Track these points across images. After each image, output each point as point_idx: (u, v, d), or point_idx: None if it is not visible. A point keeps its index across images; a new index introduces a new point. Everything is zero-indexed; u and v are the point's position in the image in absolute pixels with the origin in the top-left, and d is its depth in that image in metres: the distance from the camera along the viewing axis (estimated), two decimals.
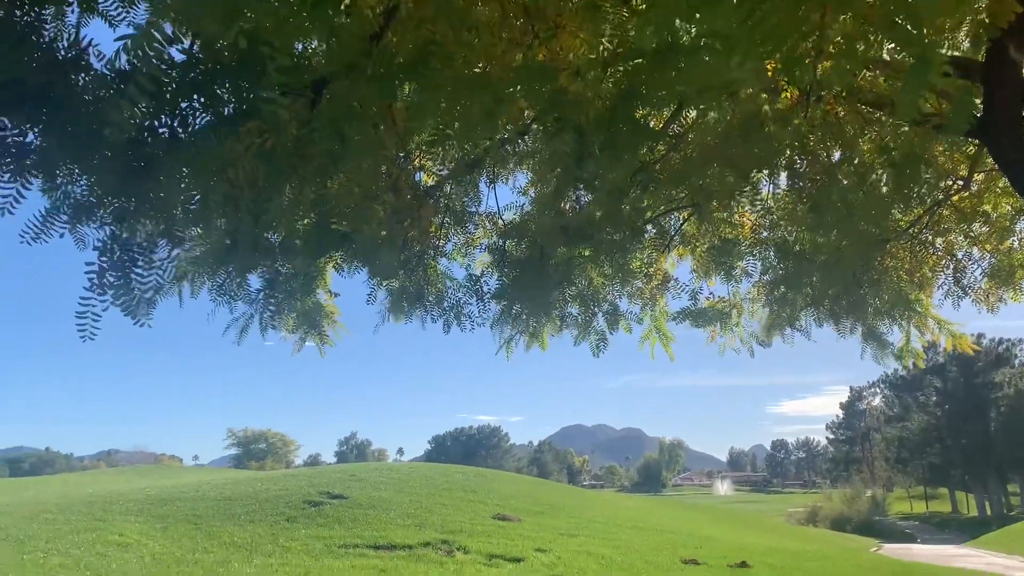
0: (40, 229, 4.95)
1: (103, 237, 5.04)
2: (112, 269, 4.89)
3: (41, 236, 4.95)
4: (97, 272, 4.79)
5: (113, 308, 5.21)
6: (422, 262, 8.40)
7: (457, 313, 8.68)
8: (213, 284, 7.22)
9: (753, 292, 9.56)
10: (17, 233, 4.74)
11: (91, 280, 4.78)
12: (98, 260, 4.83)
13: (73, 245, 5.11)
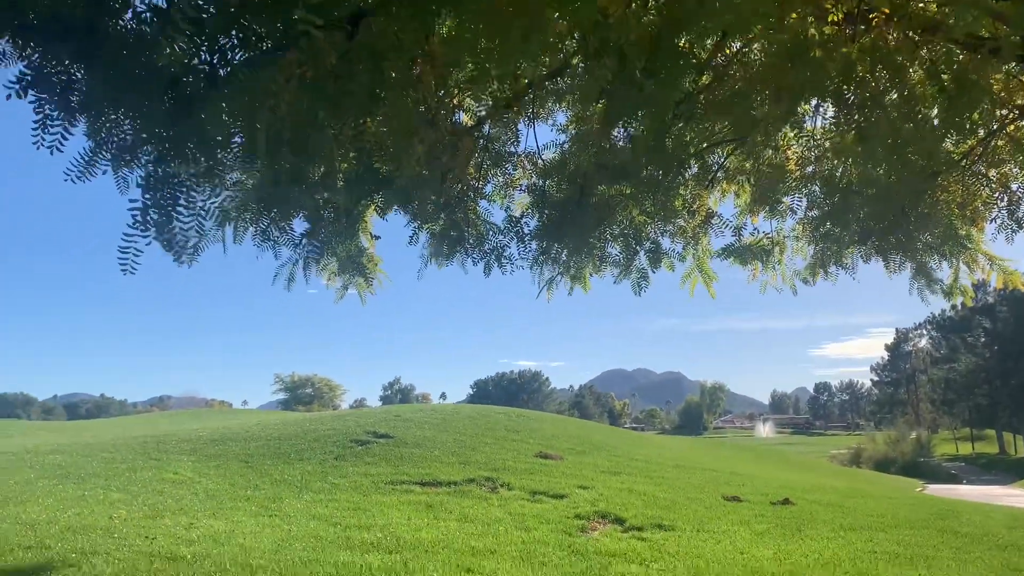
0: (84, 169, 5.04)
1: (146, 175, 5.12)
2: (155, 207, 4.98)
3: (85, 175, 5.05)
4: (140, 209, 4.87)
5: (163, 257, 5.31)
6: (462, 204, 8.40)
7: (498, 255, 8.68)
8: (256, 229, 7.30)
9: (798, 229, 9.39)
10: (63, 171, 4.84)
11: (134, 217, 4.87)
12: (141, 197, 4.92)
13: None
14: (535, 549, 10.50)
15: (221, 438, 20.54)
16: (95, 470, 15.83)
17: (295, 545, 10.01)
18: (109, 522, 10.90)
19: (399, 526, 11.40)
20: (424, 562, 9.55)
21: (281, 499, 13.44)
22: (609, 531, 11.86)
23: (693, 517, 13.01)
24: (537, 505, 13.59)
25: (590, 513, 12.88)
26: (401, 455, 18.21)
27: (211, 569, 8.70)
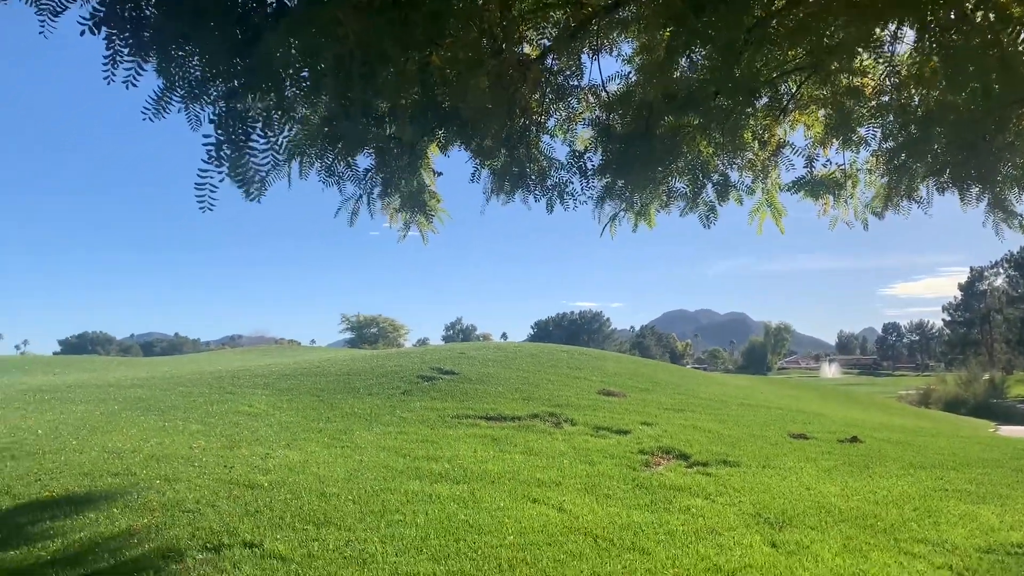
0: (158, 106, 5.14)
1: (218, 111, 5.19)
2: (227, 142, 5.06)
3: (160, 113, 5.15)
4: (214, 145, 4.96)
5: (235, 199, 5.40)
6: (524, 139, 8.31)
7: (560, 192, 8.62)
8: (322, 165, 7.37)
9: (871, 161, 9.07)
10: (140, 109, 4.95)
11: (208, 152, 4.96)
12: (215, 133, 5.00)
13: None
14: (599, 482, 10.63)
15: (293, 373, 21.16)
16: (174, 403, 16.50)
17: (367, 474, 10.33)
18: (189, 451, 11.40)
19: (466, 458, 11.66)
20: (491, 492, 9.77)
21: (352, 431, 13.84)
22: (673, 466, 11.93)
23: (758, 454, 12.98)
24: (601, 440, 13.72)
25: (654, 449, 12.96)
26: (466, 391, 18.52)
27: (287, 496, 9.06)
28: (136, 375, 23.64)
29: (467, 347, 28.42)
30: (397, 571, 6.97)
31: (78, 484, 9.29)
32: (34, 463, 10.16)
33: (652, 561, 7.66)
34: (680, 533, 8.59)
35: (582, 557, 7.65)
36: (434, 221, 9.09)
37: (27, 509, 8.32)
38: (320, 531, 7.93)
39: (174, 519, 8.06)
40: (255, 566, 6.92)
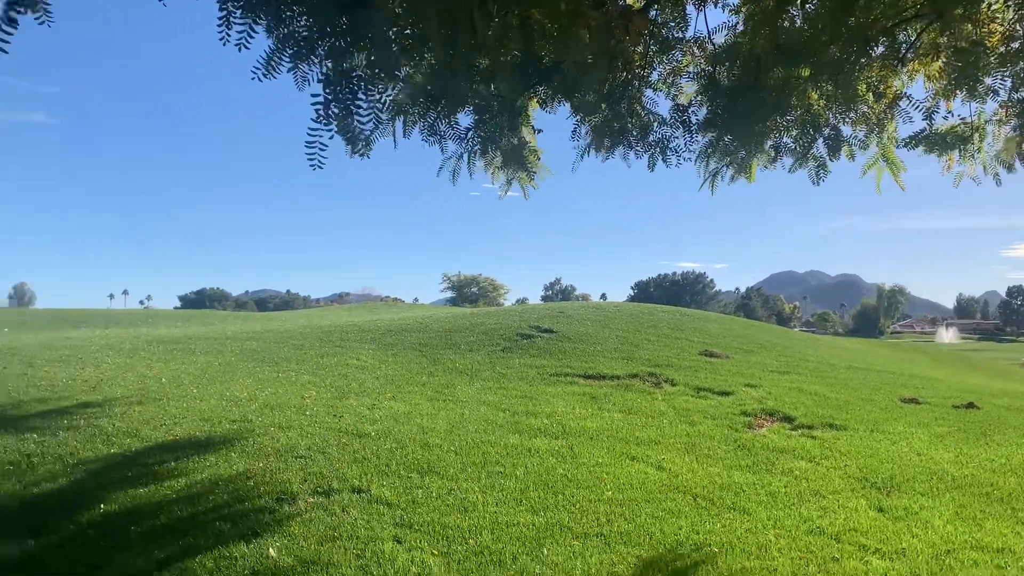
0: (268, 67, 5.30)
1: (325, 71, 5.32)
2: (335, 101, 5.18)
3: (270, 73, 5.31)
4: (322, 103, 5.09)
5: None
6: (626, 94, 8.18)
7: (662, 148, 8.46)
8: (424, 124, 7.46)
9: (1000, 113, 8.52)
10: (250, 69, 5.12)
11: (317, 111, 5.10)
12: (323, 92, 5.13)
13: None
14: (699, 442, 10.56)
15: (397, 329, 21.73)
16: (287, 355, 17.24)
17: (468, 427, 10.57)
18: (301, 401, 11.91)
19: (564, 415, 11.76)
20: (589, 448, 9.85)
21: (453, 385, 14.15)
22: (777, 428, 11.71)
23: (867, 418, 12.59)
24: (702, 401, 13.58)
25: (757, 410, 12.75)
26: (564, 349, 18.60)
27: (392, 445, 9.38)
28: (251, 329, 24.75)
29: (566, 306, 28.45)
30: (497, 520, 7.15)
31: (199, 429, 9.86)
32: (159, 409, 10.83)
33: (752, 521, 7.59)
34: (782, 495, 8.47)
35: (681, 515, 7.66)
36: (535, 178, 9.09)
37: (154, 451, 8.90)
38: (424, 479, 8.19)
39: (287, 464, 8.47)
40: (362, 510, 7.22)
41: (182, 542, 6.42)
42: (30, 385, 12.21)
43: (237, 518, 6.92)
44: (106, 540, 6.42)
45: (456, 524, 7.02)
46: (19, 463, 8.23)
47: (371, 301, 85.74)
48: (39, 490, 7.52)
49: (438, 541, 6.65)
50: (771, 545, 6.98)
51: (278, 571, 5.94)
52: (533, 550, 6.56)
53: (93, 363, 14.84)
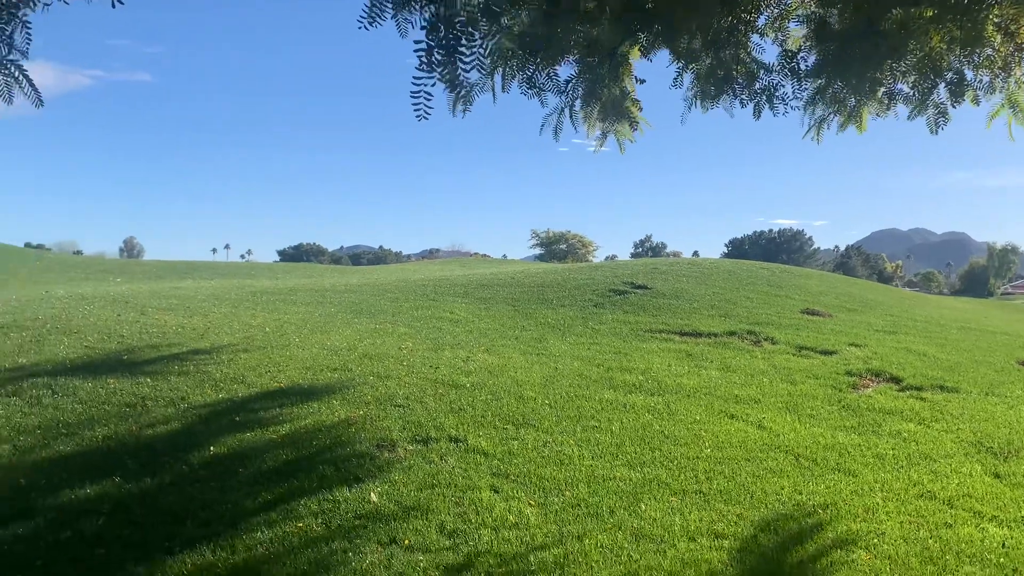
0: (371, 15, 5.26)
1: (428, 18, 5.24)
2: (438, 47, 5.11)
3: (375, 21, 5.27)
4: (425, 50, 5.04)
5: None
6: (731, 39, 7.84)
7: (769, 95, 8.11)
8: (523, 76, 7.33)
9: None
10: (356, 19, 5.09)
11: (420, 59, 5.05)
12: (426, 39, 5.07)
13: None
14: (801, 402, 10.26)
15: (489, 283, 21.82)
16: (383, 307, 17.54)
17: (562, 381, 10.55)
18: (398, 352, 12.11)
19: (660, 371, 11.60)
20: (686, 405, 9.69)
21: (546, 340, 14.14)
22: (883, 389, 11.27)
23: (981, 380, 11.99)
24: (804, 360, 13.18)
25: (862, 371, 12.29)
26: (659, 305, 18.33)
27: (487, 397, 9.43)
28: (348, 282, 25.29)
29: (659, 262, 27.99)
30: (594, 474, 7.12)
31: (301, 377, 10.14)
32: (264, 356, 11.19)
33: (858, 483, 7.34)
34: (890, 457, 8.16)
35: (782, 474, 7.47)
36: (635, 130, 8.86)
37: (259, 397, 9.20)
38: (519, 431, 8.22)
39: (386, 412, 8.63)
40: (460, 459, 7.30)
41: (287, 485, 6.63)
42: (143, 332, 12.78)
43: (339, 463, 7.10)
44: (216, 481, 6.69)
45: (552, 476, 7.02)
46: (135, 405, 8.63)
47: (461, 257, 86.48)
48: (153, 432, 7.88)
49: (535, 492, 6.67)
50: (879, 508, 6.74)
51: (379, 515, 6.06)
52: (630, 504, 6.51)
53: (201, 312, 15.43)
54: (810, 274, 27.87)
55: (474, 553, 5.52)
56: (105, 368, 10.07)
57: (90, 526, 5.79)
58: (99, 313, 14.51)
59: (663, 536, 5.94)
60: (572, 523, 6.09)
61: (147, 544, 5.56)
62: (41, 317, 13.66)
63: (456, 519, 6.05)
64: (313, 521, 5.95)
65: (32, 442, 7.49)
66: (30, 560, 5.26)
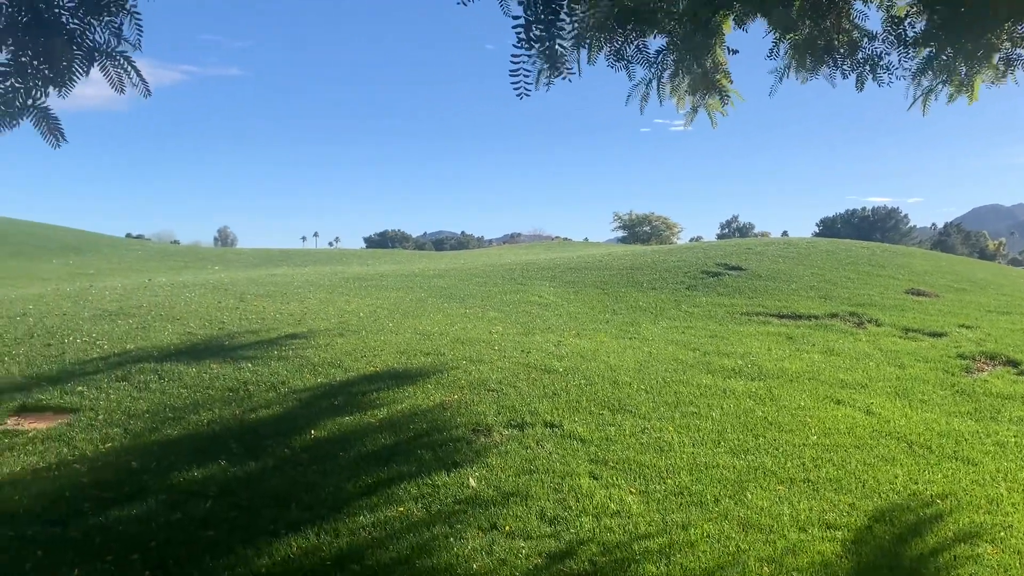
0: None
1: None
2: (536, 22, 4.97)
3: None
4: (523, 26, 4.90)
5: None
6: (833, 6, 7.45)
7: (872, 65, 7.68)
8: (610, 49, 7.12)
9: None
10: None
11: (518, 35, 4.92)
12: (524, 15, 4.93)
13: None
14: (912, 386, 9.77)
15: (577, 267, 21.63)
16: (472, 292, 17.58)
17: (656, 366, 10.32)
18: (489, 336, 12.09)
19: (759, 355, 11.23)
20: (789, 390, 9.35)
21: (638, 324, 13.89)
22: (1001, 373, 10.63)
23: None
24: (911, 343, 12.57)
25: (975, 353, 11.63)
26: (755, 287, 17.80)
27: (581, 382, 9.30)
28: (436, 267, 25.51)
29: (753, 243, 27.22)
30: (696, 461, 6.91)
31: (396, 361, 10.21)
32: (359, 341, 11.32)
33: (979, 472, 6.93)
34: (1012, 445, 7.70)
35: (895, 462, 7.11)
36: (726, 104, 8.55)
37: (356, 381, 9.30)
38: (616, 417, 8.07)
39: (480, 396, 8.60)
40: (557, 444, 7.20)
41: (387, 469, 6.66)
42: (242, 318, 13.12)
43: (436, 447, 7.10)
44: (318, 464, 6.78)
45: (652, 463, 6.85)
46: (237, 390, 8.85)
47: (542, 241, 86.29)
48: (255, 416, 8.05)
49: (635, 479, 6.52)
50: (1003, 499, 6.35)
51: (479, 501, 6.02)
52: (735, 493, 6.30)
53: (297, 298, 15.77)
54: (913, 252, 26.62)
55: (576, 541, 5.42)
56: (208, 353, 10.37)
57: (199, 508, 5.94)
58: (200, 300, 14.99)
59: (772, 526, 5.72)
60: (675, 511, 5.92)
61: (253, 527, 5.66)
62: (146, 305, 14.19)
63: (556, 506, 5.96)
64: (414, 506, 5.95)
65: (142, 426, 7.75)
66: (145, 540, 5.42)
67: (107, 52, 4.64)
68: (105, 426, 7.72)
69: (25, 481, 6.46)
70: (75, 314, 13.22)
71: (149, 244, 58.42)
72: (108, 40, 4.65)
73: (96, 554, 5.26)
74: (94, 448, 7.18)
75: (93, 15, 4.56)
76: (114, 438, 7.42)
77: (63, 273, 29.40)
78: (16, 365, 9.84)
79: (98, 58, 4.63)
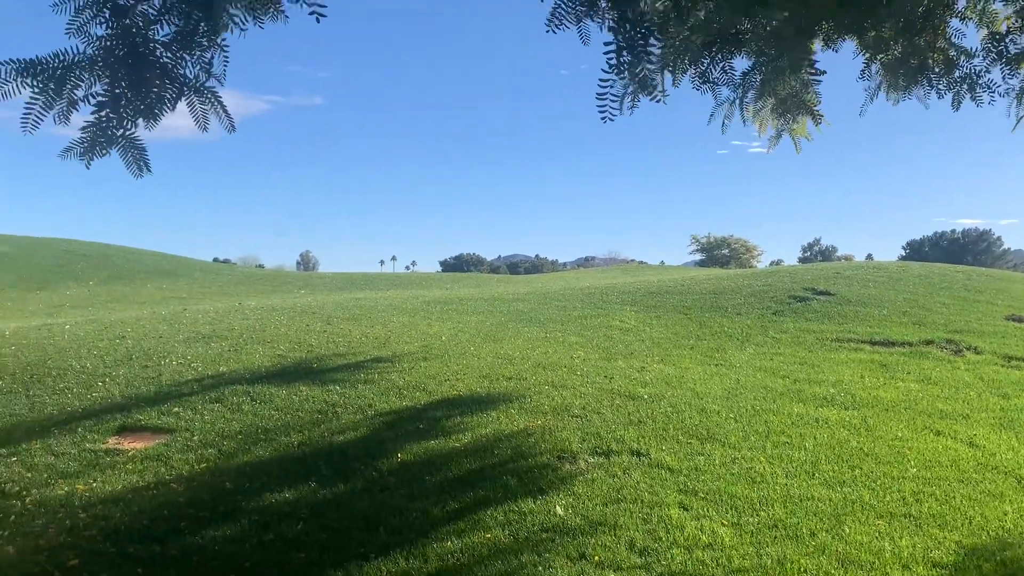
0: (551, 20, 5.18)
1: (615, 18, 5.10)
2: (627, 47, 4.96)
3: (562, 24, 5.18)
4: (615, 51, 4.90)
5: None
6: (928, 24, 7.21)
7: (971, 84, 7.39)
8: (696, 71, 7.05)
9: None
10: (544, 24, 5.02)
11: (608, 60, 4.91)
12: (614, 39, 4.94)
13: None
14: (1018, 418, 9.31)
15: (657, 291, 21.39)
16: (551, 316, 17.56)
17: (745, 394, 10.08)
18: (571, 361, 12.03)
19: (852, 383, 10.86)
20: (885, 420, 9.00)
21: (724, 350, 13.62)
22: None
23: None
24: (1015, 371, 11.97)
25: None
26: (845, 313, 17.26)
27: (667, 409, 9.14)
28: (515, 291, 25.58)
29: (841, 266, 26.46)
30: (789, 493, 6.70)
31: (479, 385, 10.25)
32: (442, 365, 11.42)
33: None
34: None
35: (1004, 498, 6.75)
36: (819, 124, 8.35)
37: (439, 405, 9.36)
38: (704, 446, 7.89)
39: (564, 422, 8.54)
40: (644, 474, 7.08)
41: (473, 494, 6.65)
42: (329, 341, 13.40)
43: (522, 473, 7.06)
44: (405, 487, 6.82)
45: (744, 494, 6.66)
46: (325, 412, 9.01)
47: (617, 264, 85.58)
48: (343, 438, 8.17)
49: (727, 511, 6.35)
50: None
51: (566, 529, 5.95)
52: (832, 527, 6.06)
53: (381, 321, 16.02)
54: (1013, 277, 25.42)
55: (667, 573, 5.29)
56: (297, 376, 10.60)
57: (290, 529, 6.04)
58: (289, 323, 15.37)
59: (872, 563, 5.48)
60: (770, 545, 5.73)
61: (343, 549, 5.71)
62: (237, 328, 14.63)
63: (646, 536, 5.84)
64: (500, 532, 5.92)
65: (235, 447, 7.95)
66: (239, 561, 5.53)
67: (196, 87, 4.80)
68: (200, 447, 7.95)
69: (126, 499, 6.69)
70: (171, 336, 13.72)
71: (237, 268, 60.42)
72: (198, 75, 4.82)
73: (194, 572, 5.39)
74: (190, 468, 7.40)
75: (185, 49, 4.74)
76: (208, 458, 7.63)
77: (158, 296, 30.63)
78: (117, 386, 10.24)
79: (187, 93, 4.78)
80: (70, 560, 5.53)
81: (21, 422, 8.88)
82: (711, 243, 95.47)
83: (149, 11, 4.58)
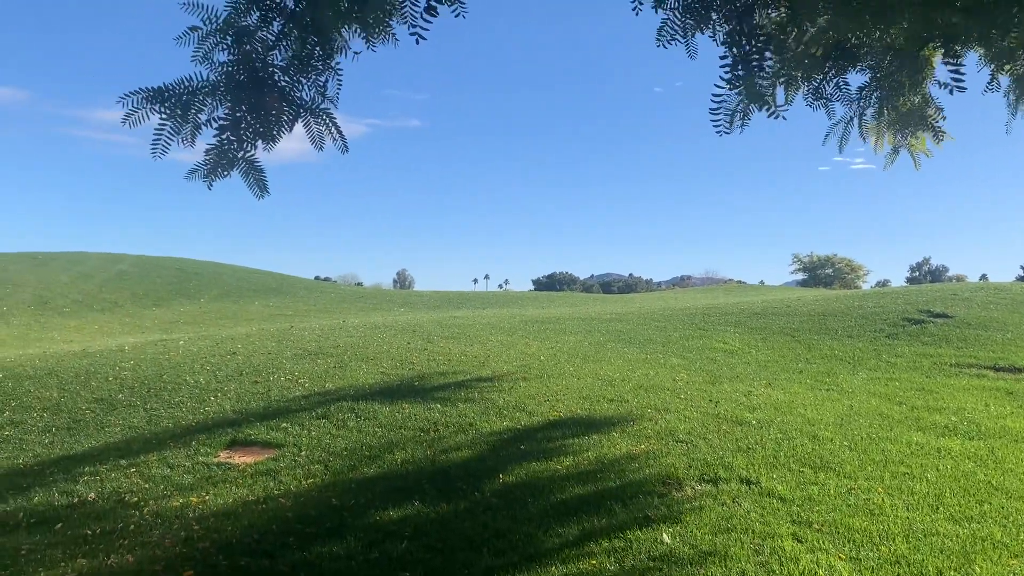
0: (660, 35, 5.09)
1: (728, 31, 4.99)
2: (742, 61, 4.84)
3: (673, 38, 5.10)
4: (729, 65, 4.78)
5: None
6: None
7: None
8: (809, 87, 6.82)
9: None
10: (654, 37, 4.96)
11: (722, 74, 4.80)
12: (729, 52, 4.82)
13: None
14: None
15: (762, 312, 20.81)
16: (651, 336, 17.29)
17: (859, 421, 9.64)
18: (673, 383, 11.78)
19: (975, 411, 10.24)
20: (1015, 452, 8.44)
21: (835, 374, 13.09)
22: None
23: None
24: None
25: None
26: (965, 336, 16.36)
27: (777, 436, 8.82)
28: (612, 310, 25.35)
29: (958, 288, 25.17)
30: (912, 527, 6.32)
31: (579, 407, 10.14)
32: (541, 385, 11.36)
33: None
34: None
35: None
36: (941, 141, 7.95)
37: (541, 426, 9.30)
38: (818, 475, 7.56)
39: (669, 448, 8.33)
40: (755, 503, 6.82)
41: (576, 518, 6.54)
42: (430, 359, 13.55)
43: (626, 499, 6.90)
44: (508, 509, 6.76)
45: (862, 527, 6.32)
46: (428, 430, 9.07)
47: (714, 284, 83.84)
48: (446, 457, 8.19)
49: (844, 544, 6.03)
50: None
51: (674, 558, 5.77)
52: (961, 565, 5.68)
53: (479, 340, 16.11)
54: None
55: None
56: (400, 394, 10.74)
57: (395, 548, 6.06)
58: (391, 341, 15.63)
59: None
60: None
61: (448, 570, 5.69)
62: (342, 345, 14.97)
63: (758, 569, 5.60)
64: (606, 559, 5.79)
65: (341, 463, 8.08)
66: None
67: (311, 109, 4.93)
68: (308, 463, 8.12)
69: (237, 512, 6.87)
70: (279, 353, 14.15)
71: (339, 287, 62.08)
72: (314, 97, 4.95)
73: None
74: (297, 484, 7.55)
75: (302, 73, 4.87)
76: (315, 474, 7.77)
77: (265, 313, 31.74)
78: (228, 401, 10.59)
79: (303, 115, 4.92)
80: (185, 571, 5.70)
81: (139, 435, 9.28)
82: (813, 262, 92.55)
83: (268, 37, 4.73)
